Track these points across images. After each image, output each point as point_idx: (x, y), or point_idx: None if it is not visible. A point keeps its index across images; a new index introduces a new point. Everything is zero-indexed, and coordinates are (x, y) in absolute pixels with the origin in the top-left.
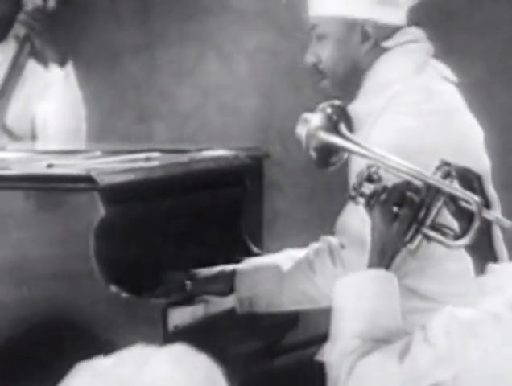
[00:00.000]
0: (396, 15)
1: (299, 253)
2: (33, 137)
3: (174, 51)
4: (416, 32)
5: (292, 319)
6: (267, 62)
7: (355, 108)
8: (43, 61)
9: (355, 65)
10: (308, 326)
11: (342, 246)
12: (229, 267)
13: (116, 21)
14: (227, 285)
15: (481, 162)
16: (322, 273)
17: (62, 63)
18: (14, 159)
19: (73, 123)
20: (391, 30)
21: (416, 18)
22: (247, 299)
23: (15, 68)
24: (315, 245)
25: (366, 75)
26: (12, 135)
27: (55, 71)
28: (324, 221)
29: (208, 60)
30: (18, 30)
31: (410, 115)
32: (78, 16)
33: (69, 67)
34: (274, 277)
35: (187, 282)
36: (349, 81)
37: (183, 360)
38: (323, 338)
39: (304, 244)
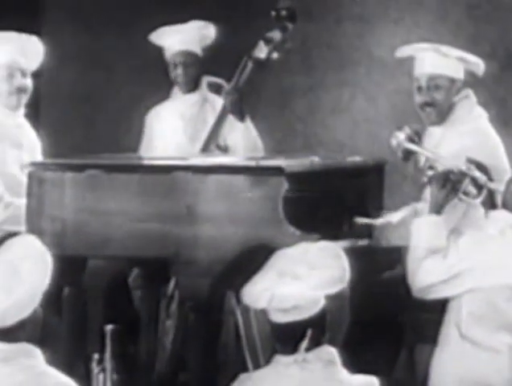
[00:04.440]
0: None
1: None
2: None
3: (332, 92)
4: (469, 91)
5: (399, 258)
6: (403, 101)
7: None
8: None
9: (451, 104)
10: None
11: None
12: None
13: (286, 69)
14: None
15: (493, 159)
16: None
17: (242, 120)
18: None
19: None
20: (458, 89)
21: None
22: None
23: (223, 116)
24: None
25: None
26: (224, 151)
27: (238, 125)
28: None
29: (358, 100)
30: (211, 80)
31: (467, 131)
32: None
33: (247, 121)
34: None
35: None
36: (445, 113)
37: (324, 246)
38: None
39: None
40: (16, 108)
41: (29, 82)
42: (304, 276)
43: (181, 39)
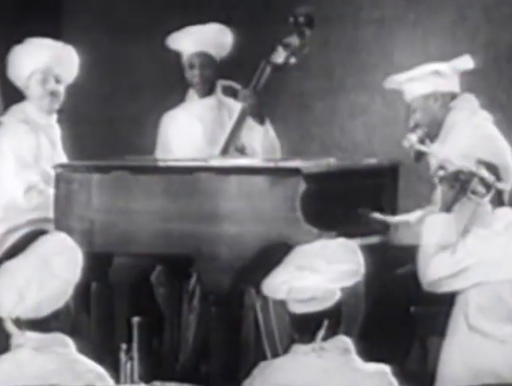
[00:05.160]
0: (450, 85)
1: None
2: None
3: (350, 95)
4: (468, 96)
5: (411, 256)
6: None
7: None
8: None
9: (434, 117)
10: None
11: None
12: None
13: (305, 72)
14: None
15: (501, 159)
16: None
17: (261, 123)
18: (254, 162)
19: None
20: (452, 96)
21: None
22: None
23: (242, 119)
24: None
25: (443, 123)
26: (243, 153)
27: (256, 127)
28: None
29: (376, 103)
30: (226, 84)
31: (467, 135)
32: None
33: (267, 124)
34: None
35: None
36: (433, 127)
37: (342, 243)
38: None
39: None
40: (48, 112)
41: (61, 88)
42: (322, 269)
43: (197, 39)
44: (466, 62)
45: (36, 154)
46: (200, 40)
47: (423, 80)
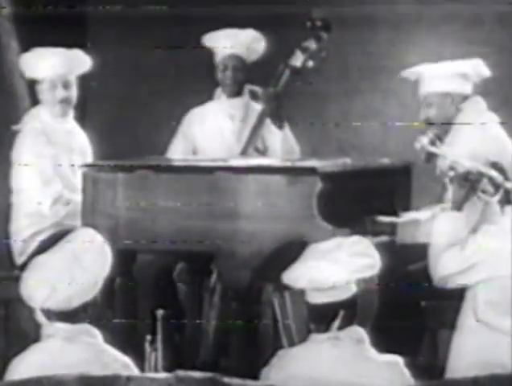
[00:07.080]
0: (467, 88)
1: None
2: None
3: (365, 98)
4: (478, 98)
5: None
6: None
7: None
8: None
9: (446, 116)
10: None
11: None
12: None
13: (322, 75)
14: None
15: (509, 160)
16: None
17: (280, 128)
18: (272, 162)
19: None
20: (463, 97)
21: None
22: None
23: (261, 121)
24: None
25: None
26: (261, 153)
27: (276, 130)
28: None
29: (391, 106)
30: (252, 88)
31: (476, 136)
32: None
33: (286, 128)
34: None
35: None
36: (444, 126)
37: (357, 239)
38: None
39: None
40: (62, 116)
41: (72, 93)
42: (342, 261)
43: (235, 43)
44: (483, 68)
45: (55, 165)
46: (236, 44)
47: (446, 78)
